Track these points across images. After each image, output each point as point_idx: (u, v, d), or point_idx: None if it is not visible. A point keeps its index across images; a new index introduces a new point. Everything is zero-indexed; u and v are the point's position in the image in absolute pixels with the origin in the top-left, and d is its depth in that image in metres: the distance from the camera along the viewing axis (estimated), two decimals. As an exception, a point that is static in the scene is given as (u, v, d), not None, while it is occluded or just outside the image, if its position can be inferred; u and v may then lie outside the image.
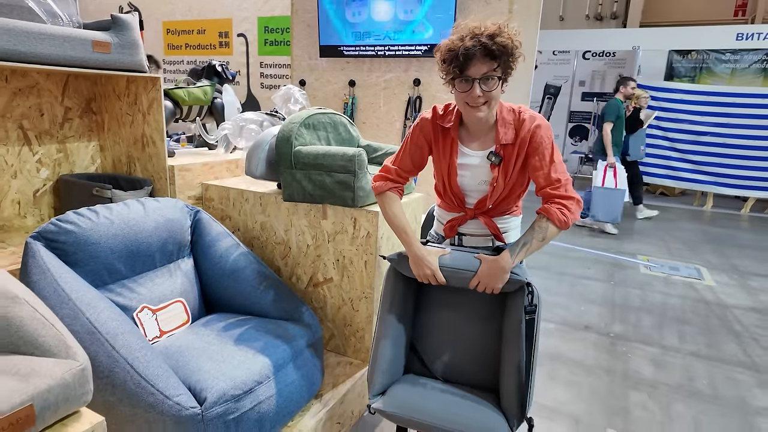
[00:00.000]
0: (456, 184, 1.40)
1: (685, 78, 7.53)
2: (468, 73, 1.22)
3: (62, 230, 1.46)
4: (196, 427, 1.23)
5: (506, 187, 1.37)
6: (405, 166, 1.47)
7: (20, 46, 1.48)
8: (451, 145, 1.38)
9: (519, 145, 1.32)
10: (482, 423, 1.25)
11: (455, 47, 1.21)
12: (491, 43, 1.18)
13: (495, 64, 1.22)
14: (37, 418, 0.77)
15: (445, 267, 1.35)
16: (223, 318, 1.72)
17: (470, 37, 1.20)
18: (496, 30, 1.21)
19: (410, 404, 1.32)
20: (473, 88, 1.23)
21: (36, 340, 0.86)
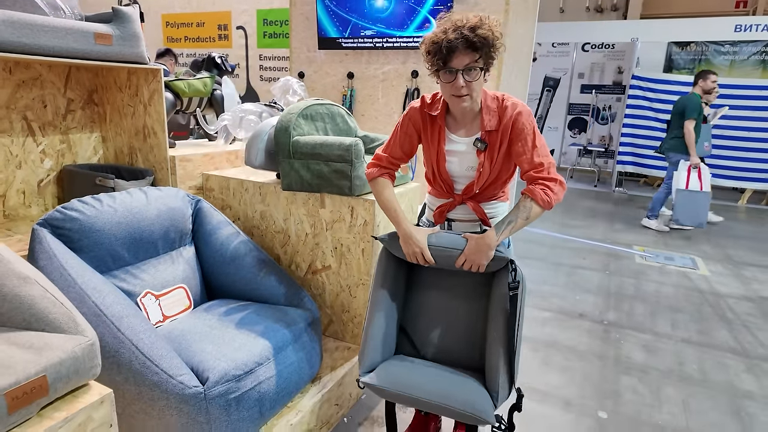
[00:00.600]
0: (444, 170, 1.45)
1: (684, 70, 7.54)
2: (451, 65, 1.27)
3: (67, 217, 1.51)
4: (199, 405, 1.28)
5: (492, 173, 1.42)
6: (395, 154, 1.52)
7: (24, 38, 1.51)
8: (438, 133, 1.44)
9: (502, 132, 1.38)
10: (467, 397, 1.29)
11: (439, 40, 1.26)
12: (473, 36, 1.24)
13: (477, 56, 1.27)
14: (50, 389, 0.82)
15: (432, 245, 1.40)
16: (224, 303, 1.77)
17: (453, 29, 1.25)
18: (477, 22, 1.25)
19: (399, 379, 1.35)
20: (457, 79, 1.28)
21: (47, 317, 0.91)
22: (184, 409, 1.27)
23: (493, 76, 3.17)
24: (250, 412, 1.40)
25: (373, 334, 1.45)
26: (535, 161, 1.35)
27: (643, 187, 7.45)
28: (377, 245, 1.89)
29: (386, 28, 3.59)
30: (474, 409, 1.26)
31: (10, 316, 0.91)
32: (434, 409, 1.30)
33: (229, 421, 1.34)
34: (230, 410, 1.34)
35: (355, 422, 1.83)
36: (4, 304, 0.92)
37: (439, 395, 1.29)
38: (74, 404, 0.86)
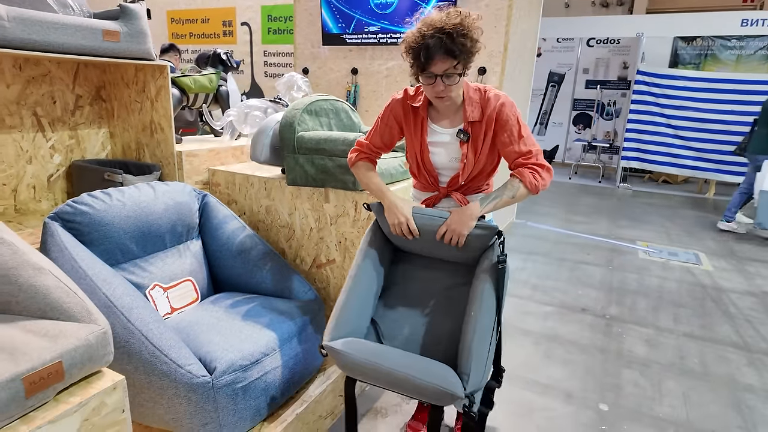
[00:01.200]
0: (429, 161, 1.46)
1: (690, 65, 7.49)
2: (430, 70, 1.27)
3: (78, 211, 1.54)
4: (207, 394, 1.32)
5: (477, 164, 1.42)
6: (375, 143, 1.54)
7: (34, 35, 1.54)
8: (421, 124, 1.44)
9: (486, 123, 1.38)
10: (437, 371, 1.17)
11: (416, 44, 1.26)
12: (451, 43, 1.23)
13: (455, 62, 1.26)
14: (65, 374, 0.85)
15: (416, 214, 1.40)
16: (231, 296, 1.80)
17: (431, 34, 1.23)
18: (456, 26, 1.23)
19: (366, 349, 1.24)
20: (436, 83, 1.29)
21: (61, 306, 0.94)
22: (192, 398, 1.31)
23: (496, 72, 3.17)
24: (256, 401, 1.43)
25: (348, 305, 1.37)
26: (522, 150, 1.36)
27: (648, 182, 7.43)
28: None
29: (390, 25, 3.61)
30: (445, 381, 1.13)
31: (26, 305, 0.95)
32: (399, 384, 1.17)
33: (236, 409, 1.38)
34: (237, 399, 1.38)
35: (359, 414, 1.86)
36: (20, 294, 0.95)
37: (405, 366, 1.17)
38: (88, 389, 0.89)
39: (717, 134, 6.33)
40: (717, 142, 6.35)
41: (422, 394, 1.15)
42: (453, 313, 1.42)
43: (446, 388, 1.11)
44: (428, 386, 1.12)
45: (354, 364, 1.22)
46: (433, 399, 1.15)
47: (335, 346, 1.24)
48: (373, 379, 1.22)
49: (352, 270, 1.45)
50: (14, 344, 0.83)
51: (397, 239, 1.50)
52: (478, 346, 1.21)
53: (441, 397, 1.13)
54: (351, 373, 1.28)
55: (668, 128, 6.61)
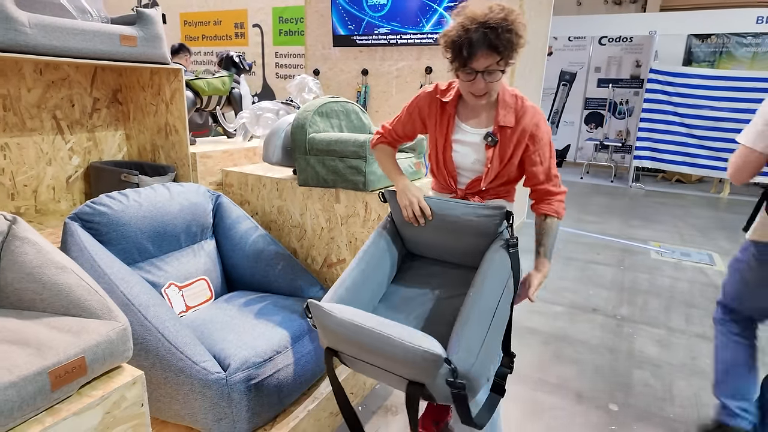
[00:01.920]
0: (450, 159, 1.41)
1: (704, 63, 7.40)
2: (472, 66, 1.22)
3: (96, 212, 1.58)
4: (221, 390, 1.35)
5: (501, 171, 1.38)
6: (397, 131, 1.53)
7: (55, 41, 1.59)
8: (448, 120, 1.40)
9: (520, 133, 1.34)
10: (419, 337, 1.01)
11: (458, 38, 1.20)
12: (495, 38, 1.17)
13: (498, 58, 1.21)
14: (88, 369, 0.89)
15: (429, 199, 1.38)
16: (244, 295, 1.84)
17: (475, 28, 1.18)
18: (501, 21, 1.18)
19: (348, 312, 1.10)
20: (477, 80, 1.24)
21: (83, 304, 0.98)
22: (207, 394, 1.34)
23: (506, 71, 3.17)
24: (269, 398, 1.46)
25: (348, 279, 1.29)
26: (551, 173, 1.37)
27: (661, 182, 7.35)
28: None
29: (401, 27, 3.62)
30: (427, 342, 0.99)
31: (50, 302, 0.99)
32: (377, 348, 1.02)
33: (249, 405, 1.41)
34: (250, 395, 1.41)
35: (370, 410, 1.89)
36: (45, 292, 0.99)
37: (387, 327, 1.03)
38: (109, 384, 0.93)
39: (732, 133, 6.24)
40: (732, 141, 6.25)
41: (401, 362, 1.00)
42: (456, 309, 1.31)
43: (427, 348, 0.97)
44: (407, 347, 0.98)
45: (334, 325, 1.08)
46: (411, 367, 1.00)
47: (315, 302, 1.12)
48: (352, 347, 1.08)
49: (360, 251, 1.40)
50: (40, 340, 0.87)
51: (408, 231, 1.46)
52: (470, 326, 1.09)
53: (419, 361, 0.98)
54: (329, 340, 1.14)
55: (682, 127, 6.53)
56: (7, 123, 1.89)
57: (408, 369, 1.02)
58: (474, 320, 1.10)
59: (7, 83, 1.87)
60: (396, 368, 1.04)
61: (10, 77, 1.87)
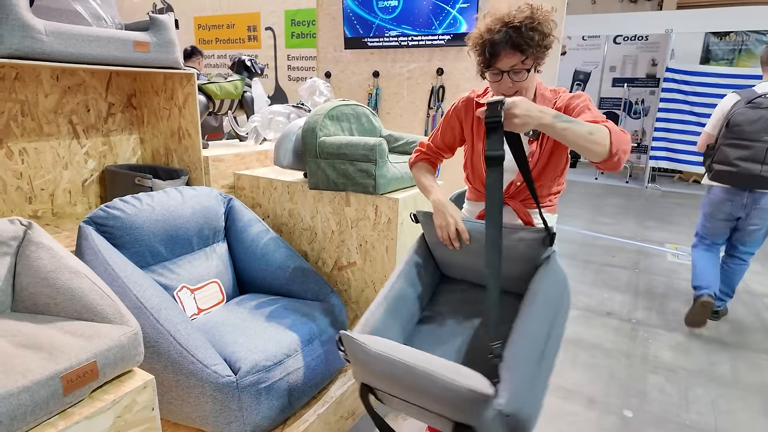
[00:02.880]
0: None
1: (723, 61, 7.25)
2: (497, 66, 1.21)
3: (110, 215, 1.61)
4: (231, 393, 1.36)
5: (547, 163, 1.33)
6: (437, 144, 1.51)
7: (71, 48, 1.62)
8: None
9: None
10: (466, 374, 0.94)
11: (483, 40, 1.20)
12: (517, 36, 1.15)
13: (524, 57, 1.19)
14: (99, 373, 0.90)
15: (468, 221, 1.34)
16: (255, 298, 1.85)
17: (498, 29, 1.17)
18: (525, 19, 1.16)
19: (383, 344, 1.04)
20: (503, 80, 1.23)
21: (95, 308, 0.99)
22: (218, 397, 1.35)
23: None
24: (279, 401, 1.47)
25: (381, 308, 1.23)
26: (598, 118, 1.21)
27: (677, 183, 7.22)
28: (401, 242, 1.93)
29: (412, 29, 3.62)
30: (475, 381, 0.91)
31: (63, 306, 1.00)
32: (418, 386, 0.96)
33: (259, 409, 1.42)
34: (261, 399, 1.42)
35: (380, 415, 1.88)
36: (59, 296, 1.01)
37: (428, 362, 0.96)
38: (121, 388, 0.94)
39: (751, 132, 6.11)
40: (751, 141, 6.13)
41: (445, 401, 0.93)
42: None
43: (474, 387, 0.90)
44: (451, 385, 0.91)
45: (369, 359, 1.03)
46: (457, 408, 0.93)
47: (349, 333, 1.08)
48: (389, 383, 1.03)
49: (391, 276, 1.35)
50: (53, 344, 0.88)
51: (442, 253, 1.41)
52: (521, 360, 0.98)
53: (465, 401, 0.90)
54: (364, 375, 1.09)
55: (699, 127, 6.40)
56: (25, 128, 1.93)
57: (453, 410, 0.93)
58: (525, 354, 1.00)
59: (25, 89, 1.91)
60: (439, 408, 0.96)
61: (28, 83, 1.91)
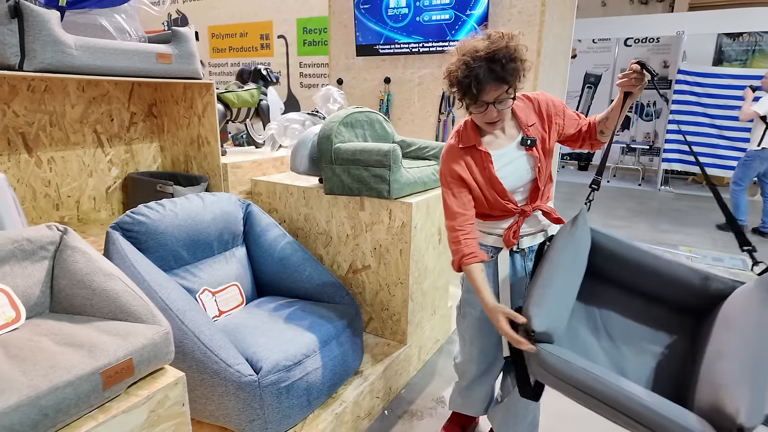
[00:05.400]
0: (503, 191, 1.36)
1: (736, 62, 7.19)
2: (483, 99, 1.24)
3: (135, 221, 1.67)
4: (254, 392, 1.41)
5: (548, 164, 1.41)
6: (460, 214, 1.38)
7: (98, 61, 1.69)
8: (482, 158, 1.36)
9: (546, 121, 1.39)
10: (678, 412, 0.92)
11: (465, 77, 1.21)
12: (501, 70, 1.20)
13: (507, 87, 1.24)
14: (135, 370, 0.95)
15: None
16: (273, 300, 1.90)
17: (479, 64, 1.19)
18: (502, 50, 1.19)
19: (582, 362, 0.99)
20: (489, 110, 1.26)
21: (129, 309, 1.05)
22: (240, 396, 1.40)
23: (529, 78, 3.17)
24: (299, 400, 1.51)
25: (552, 290, 1.13)
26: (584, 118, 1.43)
27: (691, 185, 7.17)
28: (415, 245, 1.97)
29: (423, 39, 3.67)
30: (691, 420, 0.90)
31: (99, 307, 1.06)
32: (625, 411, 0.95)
33: (280, 408, 1.46)
34: (281, 398, 1.46)
35: (396, 415, 1.92)
36: (94, 297, 1.07)
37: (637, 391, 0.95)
38: (154, 384, 0.99)
39: (766, 133, 6.05)
40: (766, 142, 6.07)
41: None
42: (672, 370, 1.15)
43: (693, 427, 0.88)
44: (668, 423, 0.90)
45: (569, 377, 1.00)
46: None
47: (547, 349, 1.03)
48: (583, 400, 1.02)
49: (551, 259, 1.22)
50: (92, 342, 0.94)
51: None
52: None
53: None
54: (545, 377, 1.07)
55: (712, 128, 6.36)
56: (53, 138, 2.02)
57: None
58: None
59: (54, 100, 1.99)
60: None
61: (56, 95, 1.99)
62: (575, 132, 1.42)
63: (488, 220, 1.46)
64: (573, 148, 1.50)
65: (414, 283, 2.04)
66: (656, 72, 1.24)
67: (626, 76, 1.25)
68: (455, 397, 1.74)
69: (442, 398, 2.02)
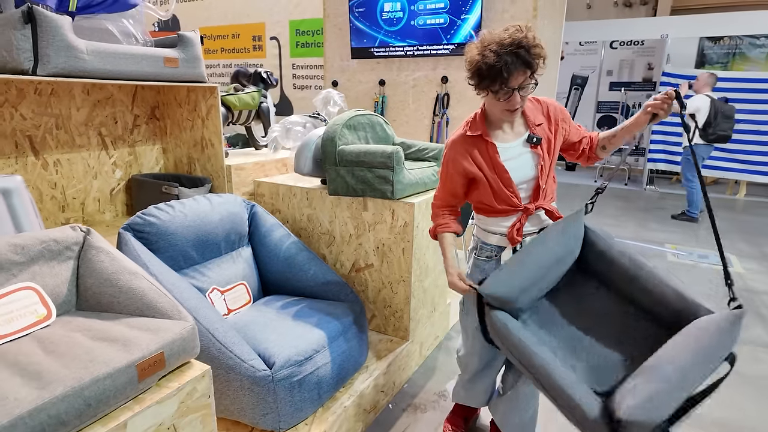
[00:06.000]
0: (509, 180, 1.43)
1: (717, 65, 7.40)
2: (509, 85, 1.31)
3: (146, 222, 1.71)
4: (268, 387, 1.46)
5: (552, 163, 1.48)
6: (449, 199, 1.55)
7: (108, 66, 1.73)
8: (488, 148, 1.44)
9: (554, 122, 1.48)
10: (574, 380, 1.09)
11: (494, 63, 1.28)
12: (527, 55, 1.28)
13: (530, 72, 1.32)
14: (166, 363, 1.00)
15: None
16: (280, 299, 1.95)
17: (507, 51, 1.28)
18: (524, 39, 1.28)
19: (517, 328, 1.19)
20: (514, 97, 1.34)
21: (155, 306, 1.10)
22: (255, 390, 1.45)
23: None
24: (310, 393, 1.57)
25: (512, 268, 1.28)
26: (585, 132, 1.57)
27: (675, 184, 7.35)
28: (417, 244, 2.04)
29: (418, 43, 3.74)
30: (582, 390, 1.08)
31: (126, 305, 1.10)
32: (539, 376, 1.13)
33: (292, 401, 1.52)
34: (293, 392, 1.52)
35: (400, 408, 1.98)
36: (121, 295, 1.11)
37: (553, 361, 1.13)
38: (182, 377, 1.04)
39: (748, 134, 6.25)
40: (748, 143, 6.26)
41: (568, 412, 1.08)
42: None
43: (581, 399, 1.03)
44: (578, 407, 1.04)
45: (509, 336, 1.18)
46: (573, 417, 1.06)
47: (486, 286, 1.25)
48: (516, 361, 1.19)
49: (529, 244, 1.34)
50: (125, 337, 0.98)
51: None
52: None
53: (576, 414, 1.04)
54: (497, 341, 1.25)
55: (696, 129, 6.53)
56: (59, 140, 2.04)
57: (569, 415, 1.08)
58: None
59: (60, 104, 2.01)
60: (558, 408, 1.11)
61: (62, 98, 2.02)
62: (577, 141, 1.53)
63: (492, 215, 1.51)
64: (568, 159, 1.59)
65: (416, 280, 2.10)
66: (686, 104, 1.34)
67: (661, 100, 1.32)
68: (458, 390, 1.80)
69: (444, 392, 2.09)
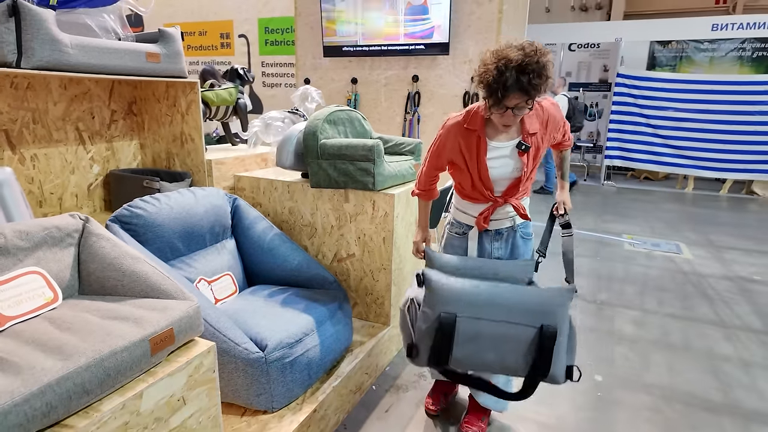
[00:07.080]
0: (488, 177, 1.55)
1: (667, 67, 7.89)
2: (504, 104, 1.38)
3: (134, 214, 1.74)
4: (261, 368, 1.53)
5: (534, 168, 1.59)
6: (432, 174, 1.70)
7: (92, 60, 1.74)
8: (478, 144, 1.52)
9: (548, 134, 1.58)
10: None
11: (495, 83, 1.35)
12: (527, 83, 1.33)
13: (527, 97, 1.37)
14: (175, 339, 1.06)
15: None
16: (266, 288, 2.01)
17: (510, 73, 1.33)
18: (533, 65, 1.32)
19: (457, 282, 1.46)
20: (506, 114, 1.42)
21: (159, 287, 1.15)
22: (249, 372, 1.52)
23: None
24: (301, 374, 1.64)
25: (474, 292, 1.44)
26: (568, 133, 1.73)
27: (630, 180, 7.77)
28: (397, 234, 2.14)
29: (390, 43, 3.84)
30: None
31: (130, 287, 1.15)
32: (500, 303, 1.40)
33: (284, 381, 1.59)
34: (285, 372, 1.59)
35: (383, 389, 2.08)
36: (125, 279, 1.16)
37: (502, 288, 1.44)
38: (189, 353, 1.10)
39: (694, 132, 6.70)
40: (694, 140, 6.72)
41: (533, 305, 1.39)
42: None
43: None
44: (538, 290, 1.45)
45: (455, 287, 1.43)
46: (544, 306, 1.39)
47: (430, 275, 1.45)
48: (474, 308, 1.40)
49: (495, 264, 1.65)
50: (135, 315, 1.03)
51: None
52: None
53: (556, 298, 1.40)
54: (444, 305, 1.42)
55: (648, 127, 6.96)
56: (36, 135, 2.02)
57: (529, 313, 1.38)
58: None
59: (36, 98, 2.00)
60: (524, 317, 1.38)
61: (38, 92, 2.00)
62: (558, 143, 1.71)
63: (465, 199, 1.68)
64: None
65: (396, 268, 2.20)
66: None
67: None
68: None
69: (423, 373, 2.20)
